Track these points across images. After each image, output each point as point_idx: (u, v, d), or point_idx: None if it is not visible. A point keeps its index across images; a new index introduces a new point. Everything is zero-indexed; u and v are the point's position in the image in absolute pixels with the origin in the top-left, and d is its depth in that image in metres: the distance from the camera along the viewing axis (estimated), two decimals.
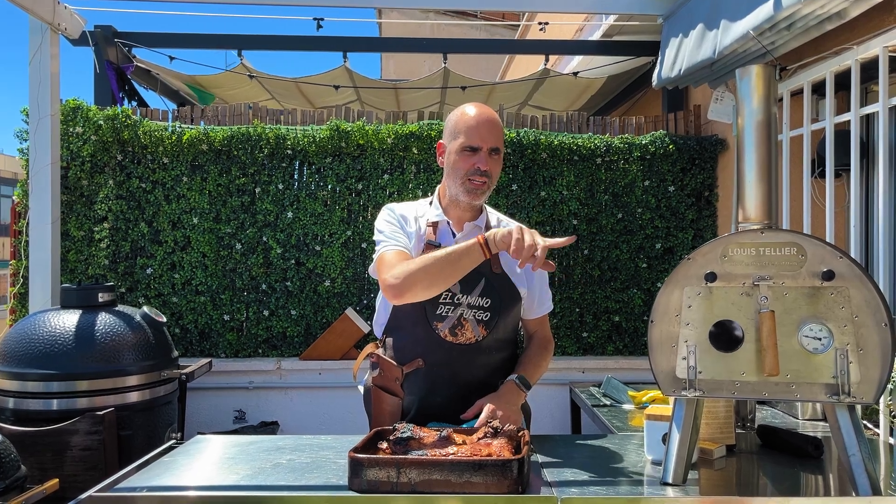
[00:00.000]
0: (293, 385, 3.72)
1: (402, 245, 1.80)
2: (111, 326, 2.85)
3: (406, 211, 1.91)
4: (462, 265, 1.64)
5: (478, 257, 1.63)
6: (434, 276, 1.65)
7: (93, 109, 3.78)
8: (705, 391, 1.44)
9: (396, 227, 1.86)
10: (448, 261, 1.64)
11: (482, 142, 1.78)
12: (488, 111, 1.84)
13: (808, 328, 1.38)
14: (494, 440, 1.47)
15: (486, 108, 1.85)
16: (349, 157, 3.85)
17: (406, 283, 1.66)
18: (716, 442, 1.66)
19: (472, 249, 1.62)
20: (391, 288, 1.69)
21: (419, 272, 1.65)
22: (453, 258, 1.63)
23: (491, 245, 1.60)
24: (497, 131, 1.82)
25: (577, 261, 3.94)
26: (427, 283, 1.67)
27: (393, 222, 1.87)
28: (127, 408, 2.79)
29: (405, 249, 1.79)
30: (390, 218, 1.88)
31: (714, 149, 3.97)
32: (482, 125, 1.79)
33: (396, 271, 1.69)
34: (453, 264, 1.64)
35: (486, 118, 1.81)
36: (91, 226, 3.79)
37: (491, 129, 1.80)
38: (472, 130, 1.79)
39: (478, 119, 1.80)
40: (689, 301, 1.46)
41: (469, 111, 1.82)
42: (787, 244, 1.40)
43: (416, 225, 1.88)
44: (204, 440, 1.82)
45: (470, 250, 1.63)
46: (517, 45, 6.25)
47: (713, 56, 3.00)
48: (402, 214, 1.90)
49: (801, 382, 1.38)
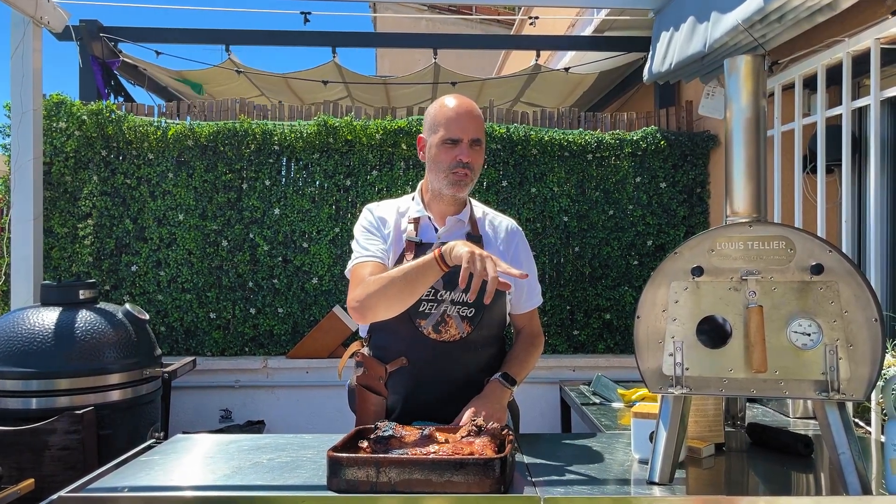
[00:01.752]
0: (280, 384, 3.69)
1: (374, 254, 1.78)
2: (92, 324, 2.80)
3: (386, 211, 1.88)
4: (420, 282, 1.61)
5: (436, 273, 1.59)
6: (392, 297, 1.63)
7: (76, 104, 3.74)
8: (692, 388, 1.42)
9: (372, 232, 1.84)
10: (406, 280, 1.61)
11: (463, 133, 1.76)
12: (468, 102, 1.82)
13: (797, 324, 1.35)
14: (477, 439, 1.45)
15: (465, 99, 1.83)
16: (337, 153, 3.81)
17: (365, 306, 1.66)
18: (704, 440, 1.64)
19: (429, 266, 1.58)
20: (353, 311, 1.69)
21: (377, 295, 1.64)
22: (411, 277, 1.61)
23: (447, 259, 1.56)
24: (477, 122, 1.80)
25: (567, 258, 3.92)
26: (386, 306, 1.65)
27: (368, 227, 1.85)
28: (108, 406, 2.74)
29: (377, 259, 1.77)
30: (367, 222, 1.86)
31: (706, 144, 3.95)
32: (462, 117, 1.77)
33: (358, 293, 1.68)
34: (411, 283, 1.61)
35: (466, 109, 1.79)
36: (75, 222, 3.75)
37: (471, 120, 1.78)
38: (451, 122, 1.77)
39: (457, 111, 1.78)
40: (676, 296, 1.43)
41: (448, 103, 1.80)
42: (775, 238, 1.38)
43: (397, 223, 1.85)
44: (184, 439, 1.79)
45: (426, 267, 1.59)
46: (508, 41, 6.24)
47: (704, 50, 2.98)
48: (381, 216, 1.87)
49: (790, 379, 1.35)
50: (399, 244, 1.83)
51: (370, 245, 1.82)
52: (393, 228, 1.85)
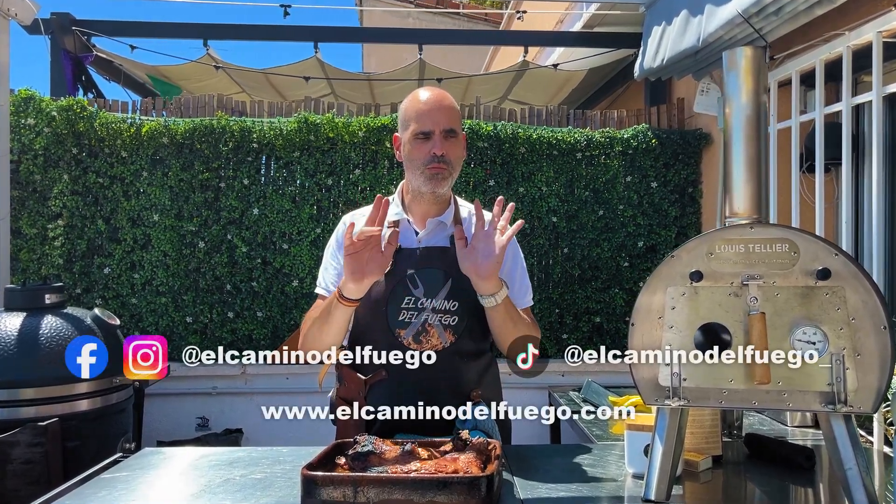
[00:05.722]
0: (259, 390, 3.62)
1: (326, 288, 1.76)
2: (58, 330, 2.71)
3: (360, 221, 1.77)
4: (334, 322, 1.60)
5: (342, 309, 1.58)
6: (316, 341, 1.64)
7: (45, 100, 3.67)
8: (690, 400, 1.34)
9: (336, 254, 1.77)
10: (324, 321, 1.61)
11: (434, 125, 1.69)
12: (439, 92, 1.76)
13: (802, 331, 1.27)
14: (462, 455, 1.37)
15: (436, 89, 1.77)
16: (319, 151, 3.75)
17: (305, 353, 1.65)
18: (701, 453, 1.57)
19: (334, 305, 1.59)
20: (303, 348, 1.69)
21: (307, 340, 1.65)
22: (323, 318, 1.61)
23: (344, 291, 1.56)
24: (450, 112, 1.72)
25: (556, 259, 3.86)
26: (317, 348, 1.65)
27: (334, 248, 1.78)
28: (75, 417, 2.67)
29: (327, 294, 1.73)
30: (335, 240, 1.80)
31: (698, 143, 3.91)
32: (432, 108, 1.70)
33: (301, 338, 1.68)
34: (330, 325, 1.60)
35: (436, 100, 1.72)
36: (45, 223, 3.66)
37: (442, 110, 1.71)
38: (422, 115, 1.70)
39: (427, 103, 1.71)
40: (673, 302, 1.35)
41: (419, 96, 1.74)
42: (777, 240, 1.30)
43: None
44: (153, 453, 1.72)
45: (333, 307, 1.59)
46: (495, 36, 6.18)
47: (697, 44, 2.91)
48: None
49: (794, 390, 1.27)
50: None
51: (328, 273, 1.78)
52: None
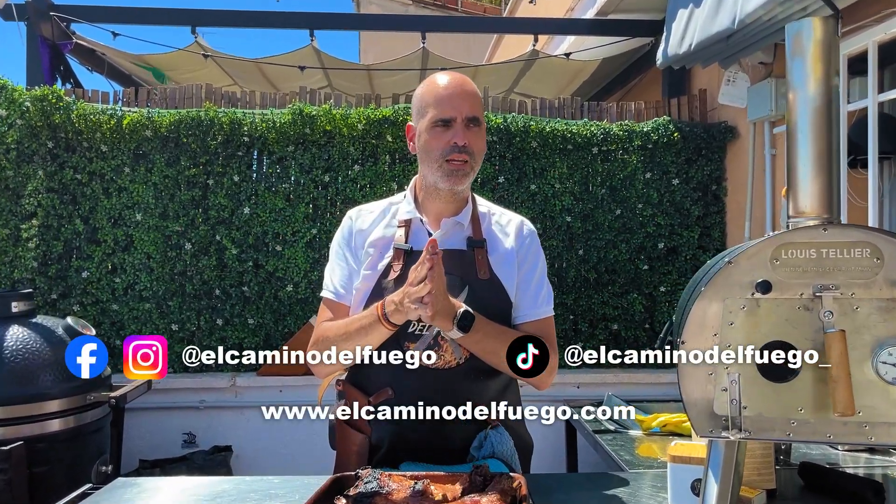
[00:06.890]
0: (250, 404, 3.49)
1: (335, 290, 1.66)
2: (26, 342, 2.58)
3: (367, 217, 1.69)
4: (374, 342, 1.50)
5: (382, 333, 1.48)
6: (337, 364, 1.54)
7: (18, 89, 3.56)
8: (752, 432, 1.18)
9: (342, 253, 1.67)
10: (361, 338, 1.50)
11: (455, 112, 1.56)
12: (460, 77, 1.63)
13: (887, 353, 1.12)
14: (483, 497, 1.21)
15: (457, 74, 1.65)
16: (315, 146, 3.66)
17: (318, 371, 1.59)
18: (754, 487, 1.42)
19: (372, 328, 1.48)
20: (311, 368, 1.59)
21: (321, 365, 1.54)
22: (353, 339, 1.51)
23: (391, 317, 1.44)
24: (473, 99, 1.60)
25: (570, 262, 3.76)
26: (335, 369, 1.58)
27: (341, 244, 1.67)
28: (44, 439, 2.54)
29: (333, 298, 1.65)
30: (341, 237, 1.69)
31: (723, 137, 3.82)
32: (454, 93, 1.58)
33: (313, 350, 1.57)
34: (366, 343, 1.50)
35: (458, 84, 1.60)
36: (17, 223, 3.54)
37: (465, 96, 1.58)
38: (443, 101, 1.57)
39: (448, 87, 1.59)
40: (732, 317, 1.18)
41: (438, 80, 1.61)
42: (857, 244, 1.14)
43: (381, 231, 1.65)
44: (125, 485, 1.55)
45: (369, 329, 1.49)
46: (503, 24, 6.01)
47: (732, 27, 2.73)
48: (360, 228, 1.68)
49: (877, 422, 1.12)
50: (382, 255, 1.60)
51: (335, 274, 1.66)
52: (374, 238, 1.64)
